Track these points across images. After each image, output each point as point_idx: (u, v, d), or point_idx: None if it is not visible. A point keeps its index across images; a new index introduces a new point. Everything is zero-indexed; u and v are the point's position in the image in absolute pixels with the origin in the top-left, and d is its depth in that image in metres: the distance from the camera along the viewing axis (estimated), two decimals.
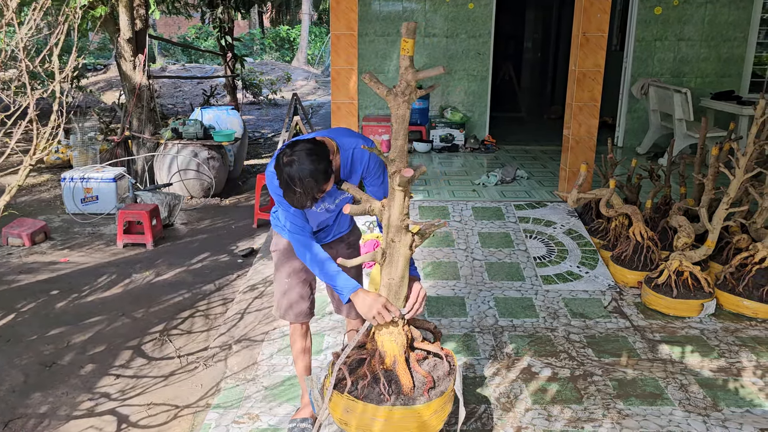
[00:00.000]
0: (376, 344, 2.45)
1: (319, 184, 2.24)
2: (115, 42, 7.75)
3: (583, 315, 4.02)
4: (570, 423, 2.92)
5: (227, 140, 7.38)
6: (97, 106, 13.16)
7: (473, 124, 8.34)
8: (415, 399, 2.36)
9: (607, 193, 4.51)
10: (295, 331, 2.88)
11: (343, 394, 2.36)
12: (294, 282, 2.79)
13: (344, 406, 2.37)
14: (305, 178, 2.21)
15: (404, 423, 2.33)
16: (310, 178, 2.21)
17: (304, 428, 2.85)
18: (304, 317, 2.84)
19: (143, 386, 3.49)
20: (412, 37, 2.10)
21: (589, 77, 5.30)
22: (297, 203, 2.29)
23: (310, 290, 2.85)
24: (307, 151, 2.24)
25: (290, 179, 2.23)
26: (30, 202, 7.28)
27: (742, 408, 3.04)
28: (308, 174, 2.21)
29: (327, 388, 2.43)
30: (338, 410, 2.40)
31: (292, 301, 2.80)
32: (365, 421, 2.33)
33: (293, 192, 2.25)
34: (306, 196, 2.24)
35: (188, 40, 24.12)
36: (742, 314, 4.01)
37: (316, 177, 2.22)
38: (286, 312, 2.82)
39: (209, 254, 5.62)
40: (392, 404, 2.32)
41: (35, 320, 4.28)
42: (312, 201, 2.28)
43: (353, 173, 2.51)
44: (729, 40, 7.85)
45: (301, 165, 2.21)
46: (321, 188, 2.26)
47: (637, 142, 8.04)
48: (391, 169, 2.21)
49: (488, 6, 7.88)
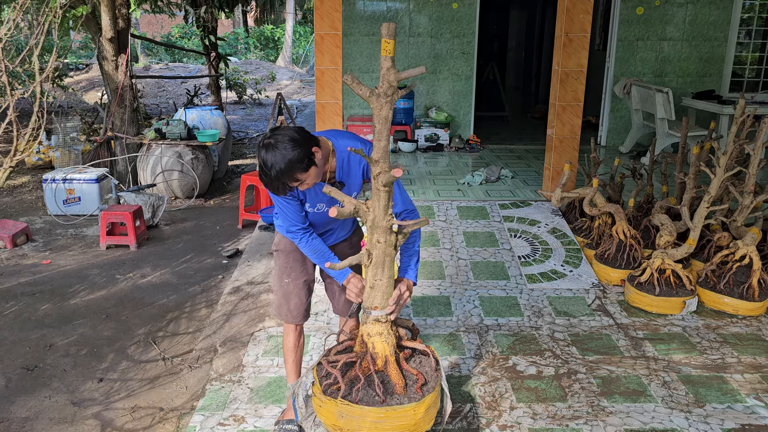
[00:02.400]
0: (366, 346, 2.45)
1: (291, 171, 2.23)
2: (97, 41, 7.68)
3: (568, 313, 4.05)
4: (554, 421, 2.95)
5: (211, 140, 7.34)
6: (80, 106, 13.02)
7: (458, 124, 8.36)
8: (409, 397, 2.38)
9: (591, 192, 4.55)
10: (289, 332, 2.89)
11: (337, 400, 2.35)
12: (293, 284, 2.80)
13: (338, 411, 2.35)
14: (278, 163, 2.21)
15: (402, 422, 2.35)
16: (283, 164, 2.21)
17: (289, 430, 2.85)
18: (300, 319, 2.85)
19: (128, 389, 3.46)
20: (393, 38, 2.10)
21: (573, 77, 5.34)
22: (270, 187, 2.30)
23: (308, 292, 2.86)
24: (288, 137, 2.25)
25: (264, 162, 2.24)
26: (11, 203, 7.19)
27: (724, 404, 3.08)
28: (281, 159, 2.21)
29: (316, 395, 2.41)
30: (332, 416, 2.38)
31: (289, 302, 2.81)
32: (364, 425, 2.33)
33: (265, 175, 2.25)
34: (277, 180, 2.25)
35: (172, 39, 23.93)
36: (723, 311, 4.06)
37: (290, 164, 2.22)
38: (283, 312, 2.84)
39: (194, 255, 5.58)
40: (389, 404, 2.33)
41: (17, 323, 4.23)
42: (284, 188, 2.28)
43: (351, 174, 2.52)
44: (710, 40, 7.94)
45: (277, 149, 2.22)
46: (294, 176, 2.26)
47: (620, 141, 8.11)
48: (375, 171, 2.21)
49: (472, 6, 7.90)
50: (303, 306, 2.84)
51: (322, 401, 2.40)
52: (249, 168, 9.05)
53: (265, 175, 2.26)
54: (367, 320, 2.47)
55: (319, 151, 2.35)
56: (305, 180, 2.31)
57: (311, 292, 2.89)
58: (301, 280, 2.81)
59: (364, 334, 2.47)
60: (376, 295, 2.42)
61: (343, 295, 2.87)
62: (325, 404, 2.39)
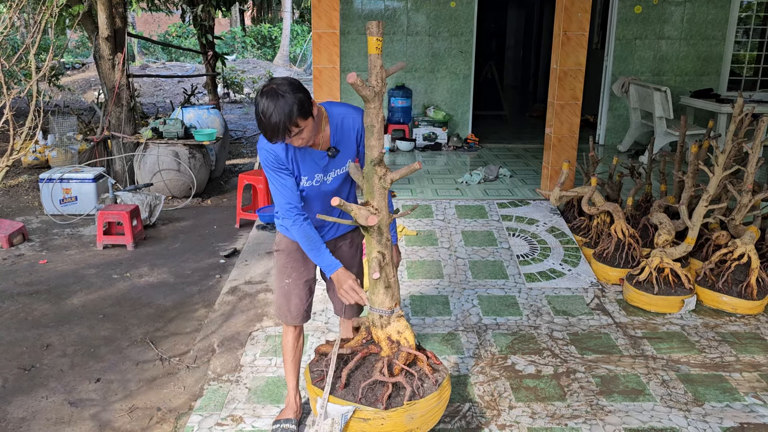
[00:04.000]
0: (400, 343, 2.49)
1: (293, 115, 2.23)
2: (94, 40, 7.65)
3: (566, 312, 4.04)
4: (553, 420, 2.94)
5: (209, 140, 7.32)
6: (76, 105, 12.99)
7: (456, 123, 8.35)
8: (435, 378, 2.50)
9: (589, 191, 4.55)
10: (288, 332, 2.87)
11: (405, 404, 2.36)
12: (293, 284, 2.78)
13: (408, 415, 2.36)
14: (280, 106, 2.22)
15: (445, 400, 2.54)
16: (286, 107, 2.22)
17: (287, 429, 2.84)
18: (300, 320, 2.83)
19: (125, 389, 3.45)
20: (381, 35, 2.14)
21: (571, 76, 5.33)
22: (271, 132, 2.27)
23: (309, 293, 2.83)
24: (288, 82, 2.28)
25: (264, 107, 2.23)
26: (7, 203, 7.16)
27: (723, 403, 3.08)
28: (283, 103, 2.22)
29: (371, 418, 2.36)
30: (400, 426, 2.37)
31: (290, 303, 2.79)
32: (431, 415, 2.45)
33: (266, 119, 2.23)
34: (279, 124, 2.23)
35: (169, 38, 23.89)
36: (721, 310, 4.06)
37: (291, 107, 2.22)
38: (283, 313, 2.82)
39: (191, 255, 5.57)
40: (430, 391, 2.45)
41: (13, 323, 4.21)
42: (284, 133, 2.25)
43: (345, 140, 2.52)
44: (708, 39, 7.95)
45: (278, 93, 2.23)
46: (295, 121, 2.24)
47: (618, 140, 8.11)
48: (380, 172, 2.24)
49: (470, 4, 7.89)
50: (303, 307, 2.81)
51: (384, 417, 2.35)
52: (246, 167, 9.03)
53: (266, 119, 2.24)
54: (390, 320, 2.48)
55: (316, 106, 2.37)
56: (303, 129, 2.30)
57: (312, 293, 2.86)
58: (301, 281, 2.79)
59: (392, 332, 2.48)
60: (393, 292, 2.43)
61: None
62: (389, 418, 2.35)
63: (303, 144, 2.38)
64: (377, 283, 2.43)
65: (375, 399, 2.39)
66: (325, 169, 2.54)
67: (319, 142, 2.48)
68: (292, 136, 2.30)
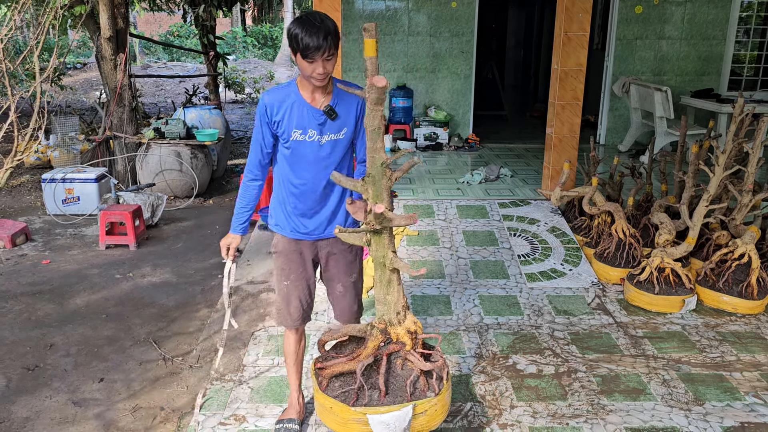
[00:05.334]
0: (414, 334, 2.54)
1: (335, 29, 2.38)
2: (96, 41, 7.67)
3: (567, 312, 4.06)
4: (555, 419, 2.95)
5: (210, 140, 7.34)
6: (78, 106, 13.01)
7: (457, 123, 8.37)
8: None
9: (590, 190, 4.56)
10: (290, 335, 2.88)
11: (443, 387, 2.46)
12: (292, 285, 2.78)
13: (448, 393, 2.49)
14: (326, 17, 2.39)
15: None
16: (330, 19, 2.39)
17: (290, 428, 2.85)
18: (299, 323, 2.83)
19: (128, 389, 3.47)
20: (376, 36, 2.16)
21: (572, 76, 5.34)
22: (312, 35, 2.33)
23: (309, 294, 2.83)
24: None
25: (311, 15, 2.37)
26: (10, 203, 7.18)
27: (723, 402, 3.09)
28: (332, 21, 2.40)
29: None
30: (446, 404, 2.50)
31: (289, 306, 2.80)
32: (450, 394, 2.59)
33: (322, 21, 2.35)
34: (332, 28, 2.36)
35: (170, 38, 23.90)
36: (722, 310, 4.07)
37: (334, 22, 2.40)
38: (283, 316, 2.82)
39: (193, 255, 5.58)
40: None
41: (17, 323, 4.23)
42: (324, 41, 2.33)
43: (344, 109, 2.57)
44: (708, 39, 7.95)
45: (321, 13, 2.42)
46: (334, 39, 2.37)
47: (619, 140, 8.12)
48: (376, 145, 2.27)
49: (471, 5, 7.90)
50: (302, 309, 2.81)
51: (435, 403, 2.44)
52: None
53: (320, 22, 2.34)
54: (406, 315, 2.51)
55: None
56: (332, 59, 2.40)
57: (312, 294, 2.85)
58: (300, 282, 2.78)
59: (409, 325, 2.51)
60: (402, 288, 2.49)
61: (344, 301, 2.85)
62: (438, 401, 2.44)
63: (320, 77, 2.43)
64: (390, 284, 2.44)
65: (418, 390, 2.44)
66: (321, 127, 2.56)
67: (320, 101, 2.54)
68: (324, 54, 2.36)
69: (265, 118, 2.56)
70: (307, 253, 2.76)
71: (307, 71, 2.41)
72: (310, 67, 2.39)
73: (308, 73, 2.41)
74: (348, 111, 2.58)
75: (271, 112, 2.54)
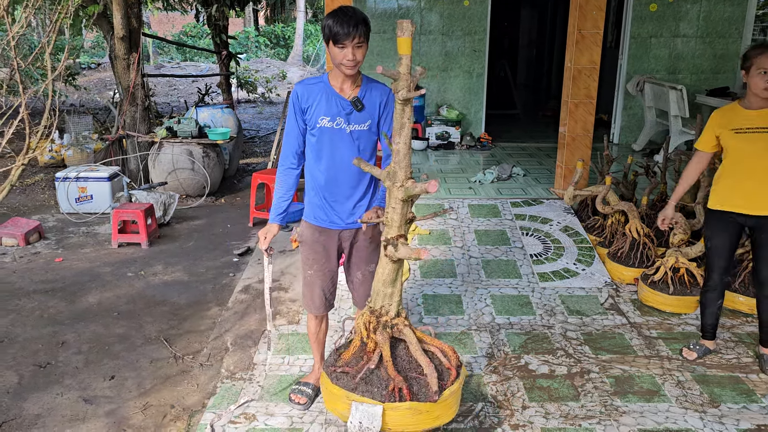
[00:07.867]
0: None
1: (366, 20, 2.53)
2: (109, 40, 7.71)
3: (580, 312, 4.02)
4: (567, 420, 2.92)
5: (222, 139, 7.36)
6: (92, 105, 13.11)
7: (469, 122, 8.33)
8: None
9: (603, 190, 4.51)
10: (311, 318, 3.06)
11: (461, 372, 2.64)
12: (315, 275, 2.92)
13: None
14: (357, 9, 2.56)
15: None
16: (361, 12, 2.56)
17: (304, 391, 3.05)
18: (321, 310, 3.00)
19: (139, 387, 3.47)
20: (411, 35, 2.25)
21: (585, 74, 5.29)
22: (344, 22, 2.48)
23: (331, 284, 2.97)
24: None
25: (343, 7, 2.55)
26: (24, 201, 7.24)
27: (739, 404, 3.04)
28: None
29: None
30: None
31: (312, 293, 2.96)
32: None
33: (353, 10, 2.52)
34: (353, 17, 2.49)
35: (184, 37, 24.03)
36: (738, 310, 4.01)
37: (365, 15, 2.56)
38: (307, 302, 3.00)
39: (205, 253, 5.60)
40: None
41: (29, 320, 4.25)
42: (354, 29, 2.48)
43: (370, 103, 2.70)
44: (724, 37, 7.85)
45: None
46: (365, 28, 2.52)
47: (633, 139, 8.04)
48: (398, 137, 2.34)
49: (483, 3, 7.86)
50: (324, 297, 2.96)
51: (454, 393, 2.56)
52: (260, 166, 9.06)
53: (351, 11, 2.51)
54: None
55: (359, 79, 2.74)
56: (362, 47, 2.55)
57: (334, 284, 2.99)
58: (323, 272, 2.92)
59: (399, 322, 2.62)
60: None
61: (362, 289, 2.96)
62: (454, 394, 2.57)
63: (350, 64, 2.55)
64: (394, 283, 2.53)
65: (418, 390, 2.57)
66: (348, 117, 2.69)
67: (348, 92, 2.68)
68: (354, 40, 2.50)
69: (297, 105, 2.71)
70: (331, 244, 2.87)
71: (337, 58, 2.54)
72: (341, 54, 2.52)
73: (339, 60, 2.55)
74: (372, 106, 2.72)
75: (302, 99, 2.70)
